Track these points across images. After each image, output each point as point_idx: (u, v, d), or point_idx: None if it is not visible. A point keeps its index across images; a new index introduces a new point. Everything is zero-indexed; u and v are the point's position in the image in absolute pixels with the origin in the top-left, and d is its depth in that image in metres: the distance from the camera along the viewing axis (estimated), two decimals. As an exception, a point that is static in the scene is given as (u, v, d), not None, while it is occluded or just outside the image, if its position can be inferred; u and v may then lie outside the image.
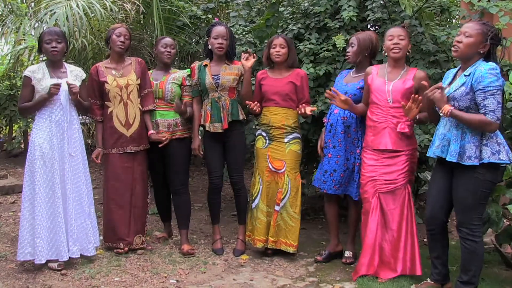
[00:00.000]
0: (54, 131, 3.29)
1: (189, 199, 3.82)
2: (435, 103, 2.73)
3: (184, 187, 3.76)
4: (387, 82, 3.15)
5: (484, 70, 2.61)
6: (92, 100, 3.58)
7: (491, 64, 2.64)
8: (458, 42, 2.71)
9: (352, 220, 3.62)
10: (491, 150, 2.64)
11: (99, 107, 3.62)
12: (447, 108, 2.63)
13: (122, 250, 3.58)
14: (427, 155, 2.96)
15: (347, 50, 3.48)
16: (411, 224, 3.14)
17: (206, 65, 3.66)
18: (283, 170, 3.57)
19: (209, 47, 3.66)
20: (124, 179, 3.60)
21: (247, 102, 3.55)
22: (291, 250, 3.57)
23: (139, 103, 3.62)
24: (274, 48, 3.56)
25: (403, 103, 2.99)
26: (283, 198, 3.56)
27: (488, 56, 2.71)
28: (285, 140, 3.58)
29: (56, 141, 3.29)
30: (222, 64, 3.66)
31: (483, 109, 2.60)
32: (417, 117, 3.05)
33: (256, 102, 3.56)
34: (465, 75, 2.70)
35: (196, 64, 3.73)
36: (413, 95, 2.96)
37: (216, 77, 3.60)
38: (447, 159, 2.72)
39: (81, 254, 3.41)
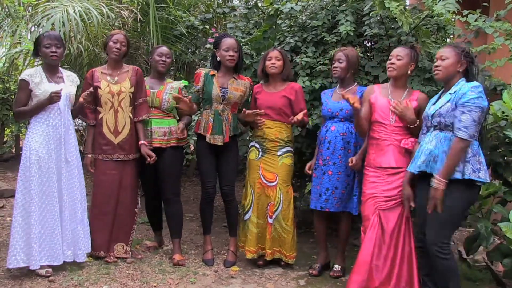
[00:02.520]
0: (51, 136, 3.26)
1: (181, 208, 3.78)
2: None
3: (175, 196, 3.72)
4: (392, 102, 3.13)
5: (467, 87, 2.68)
6: (85, 104, 3.53)
7: (475, 83, 2.71)
8: (437, 66, 2.81)
9: (343, 235, 3.60)
10: (472, 167, 2.66)
11: (91, 111, 3.59)
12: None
13: (108, 257, 3.56)
14: (408, 169, 2.95)
15: (335, 65, 3.47)
16: (408, 242, 3.07)
17: (213, 75, 3.62)
18: (275, 183, 3.57)
19: (218, 58, 3.63)
20: (108, 187, 3.55)
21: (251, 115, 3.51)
22: (289, 261, 3.63)
23: (130, 112, 3.58)
24: (269, 60, 3.59)
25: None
26: (275, 211, 3.56)
27: (467, 75, 2.79)
28: (278, 153, 3.59)
29: (53, 146, 3.26)
30: (229, 76, 3.63)
31: (458, 123, 2.64)
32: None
33: (259, 117, 3.52)
34: (450, 93, 2.77)
35: (202, 71, 3.66)
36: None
37: (223, 90, 3.57)
38: (435, 174, 2.71)
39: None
